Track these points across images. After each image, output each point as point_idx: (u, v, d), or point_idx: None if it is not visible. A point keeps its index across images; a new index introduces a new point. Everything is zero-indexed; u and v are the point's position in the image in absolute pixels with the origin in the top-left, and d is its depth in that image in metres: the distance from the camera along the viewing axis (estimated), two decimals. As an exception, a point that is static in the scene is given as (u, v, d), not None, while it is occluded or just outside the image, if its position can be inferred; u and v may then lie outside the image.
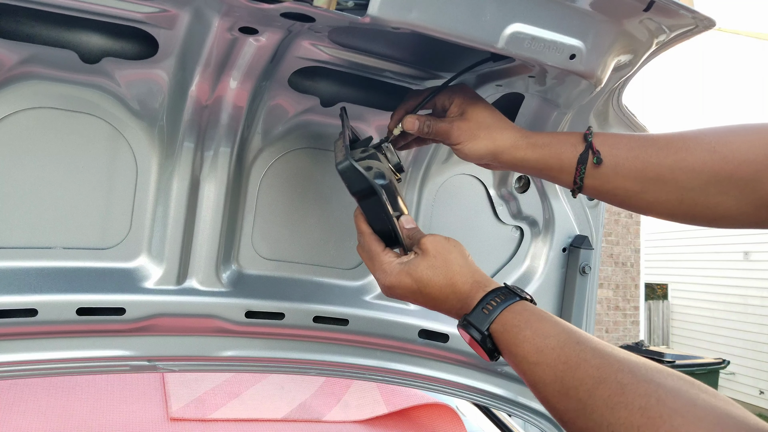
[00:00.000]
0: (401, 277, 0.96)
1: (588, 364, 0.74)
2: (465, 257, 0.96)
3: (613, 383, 0.70)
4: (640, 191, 0.94)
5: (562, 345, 0.78)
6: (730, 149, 0.87)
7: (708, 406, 0.63)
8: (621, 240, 9.17)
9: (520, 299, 0.88)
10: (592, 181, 0.97)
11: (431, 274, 0.94)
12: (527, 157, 1.00)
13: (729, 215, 0.89)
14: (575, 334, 0.80)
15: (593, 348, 0.76)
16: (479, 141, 1.01)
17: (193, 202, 1.14)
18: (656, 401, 0.65)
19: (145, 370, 1.21)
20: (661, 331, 11.95)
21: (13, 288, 1.03)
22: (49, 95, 1.02)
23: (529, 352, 0.81)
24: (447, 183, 1.35)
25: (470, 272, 0.94)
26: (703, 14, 0.96)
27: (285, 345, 1.29)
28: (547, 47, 0.92)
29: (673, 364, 8.13)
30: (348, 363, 1.35)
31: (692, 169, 0.89)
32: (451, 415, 1.96)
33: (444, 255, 0.95)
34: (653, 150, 0.93)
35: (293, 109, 1.16)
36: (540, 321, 0.84)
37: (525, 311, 0.86)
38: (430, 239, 0.97)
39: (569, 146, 0.98)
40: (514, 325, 0.84)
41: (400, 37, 0.93)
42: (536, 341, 0.81)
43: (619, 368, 0.71)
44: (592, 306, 1.50)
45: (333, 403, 1.95)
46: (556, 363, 0.77)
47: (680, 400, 0.64)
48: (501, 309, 0.86)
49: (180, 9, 0.91)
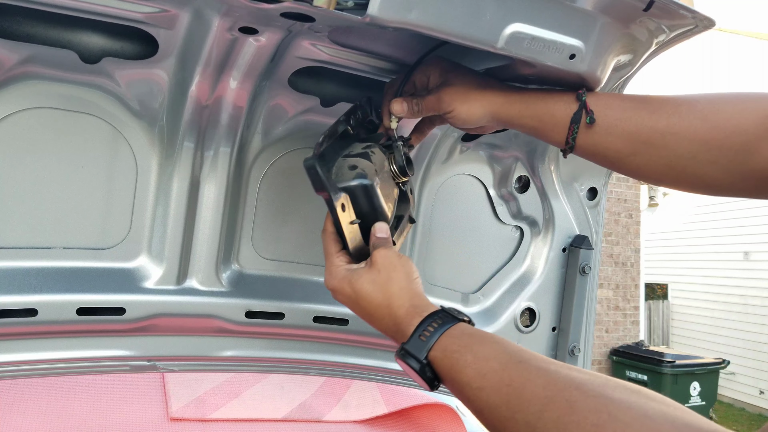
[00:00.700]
0: (343, 283, 0.95)
1: (533, 384, 0.71)
2: (410, 279, 0.93)
3: (562, 402, 0.67)
4: (631, 153, 0.94)
5: (504, 366, 0.75)
6: (721, 117, 0.87)
7: (660, 415, 0.62)
8: (621, 240, 9.17)
9: (458, 322, 0.84)
10: (584, 140, 0.96)
11: (370, 289, 0.92)
12: (522, 112, 0.99)
13: (717, 184, 0.89)
14: (518, 353, 0.77)
15: (537, 366, 0.73)
16: (472, 102, 0.99)
17: (193, 202, 1.14)
18: (608, 416, 0.62)
19: (145, 370, 1.21)
20: (661, 331, 11.94)
21: (13, 288, 1.03)
22: (49, 95, 1.02)
23: (472, 378, 0.77)
24: (447, 183, 1.35)
25: (409, 296, 0.90)
26: (703, 14, 0.96)
27: (285, 345, 1.29)
28: (546, 47, 0.92)
29: (673, 364, 8.14)
30: (348, 363, 1.35)
31: (683, 136, 0.89)
32: (451, 415, 1.96)
33: (388, 272, 0.92)
34: (646, 113, 0.92)
35: (293, 109, 1.16)
36: (480, 343, 0.80)
37: (464, 335, 0.82)
38: (381, 253, 0.94)
39: (562, 104, 0.97)
40: (454, 350, 0.80)
41: (401, 37, 0.94)
42: (478, 365, 0.77)
43: (566, 385, 0.68)
44: (592, 306, 1.50)
45: (333, 403, 1.95)
46: (500, 386, 0.73)
47: (632, 413, 0.62)
48: (439, 334, 0.82)
49: (180, 9, 0.91)
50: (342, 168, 0.99)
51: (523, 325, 1.45)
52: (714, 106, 0.89)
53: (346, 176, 0.98)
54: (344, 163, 1.00)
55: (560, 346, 1.47)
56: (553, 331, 1.48)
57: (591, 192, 1.46)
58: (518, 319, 1.44)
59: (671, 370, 8.11)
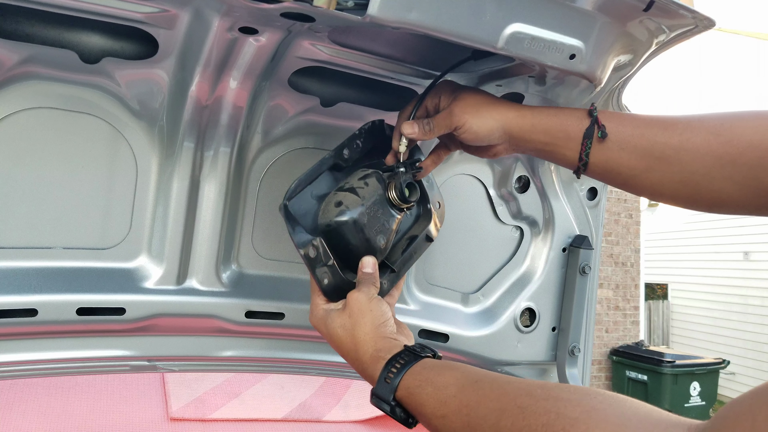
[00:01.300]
0: (320, 323, 1.00)
1: (487, 398, 0.74)
2: (375, 324, 0.95)
3: (514, 409, 0.70)
4: (645, 170, 0.92)
5: (461, 390, 0.78)
6: (734, 133, 0.86)
7: (608, 406, 0.63)
8: (621, 240, 9.16)
9: (420, 359, 0.87)
10: (597, 156, 0.95)
11: (341, 333, 0.96)
12: (534, 126, 0.98)
13: (731, 201, 0.88)
14: (473, 374, 0.80)
15: (491, 382, 0.77)
16: (483, 114, 0.99)
17: (193, 202, 1.14)
18: (556, 415, 0.65)
19: (145, 370, 1.21)
20: (661, 331, 11.94)
21: (13, 288, 1.03)
22: (49, 95, 1.02)
23: (435, 408, 0.80)
24: (447, 183, 1.35)
25: (373, 341, 0.93)
26: (703, 14, 0.96)
27: (285, 345, 1.29)
28: (547, 47, 0.92)
29: (673, 364, 8.14)
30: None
31: (697, 151, 0.88)
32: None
33: (356, 317, 0.95)
34: (658, 129, 0.92)
35: (293, 109, 1.16)
36: (439, 374, 0.83)
37: (424, 370, 0.85)
38: (354, 297, 0.97)
39: (574, 119, 0.97)
40: (416, 386, 0.84)
41: (400, 37, 0.94)
42: (438, 394, 0.80)
43: (517, 394, 0.72)
44: (592, 306, 1.50)
45: (333, 403, 1.95)
46: (459, 408, 0.77)
47: (579, 409, 0.64)
48: (401, 375, 0.85)
49: (180, 9, 0.91)
50: (329, 204, 1.02)
51: (523, 325, 1.45)
52: (726, 123, 0.88)
53: (329, 213, 1.01)
54: (333, 199, 1.03)
55: (560, 346, 1.47)
56: (553, 331, 1.48)
57: (591, 192, 1.46)
58: (518, 319, 1.44)
59: (671, 370, 8.11)
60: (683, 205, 0.95)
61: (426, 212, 1.15)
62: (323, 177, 1.05)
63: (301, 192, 1.02)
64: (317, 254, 1.00)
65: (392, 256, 1.11)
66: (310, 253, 1.00)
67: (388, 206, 1.05)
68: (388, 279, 1.09)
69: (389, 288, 1.09)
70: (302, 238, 1.01)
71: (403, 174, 1.04)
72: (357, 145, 1.08)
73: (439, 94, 1.04)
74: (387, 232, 1.05)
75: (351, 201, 1.01)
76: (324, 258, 1.01)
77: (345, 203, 1.01)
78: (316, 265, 1.01)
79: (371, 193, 1.03)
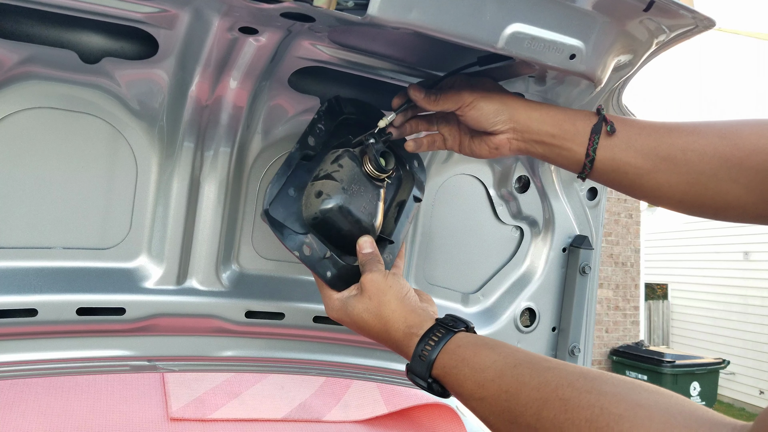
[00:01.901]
0: (340, 314, 0.99)
1: (528, 386, 0.73)
2: (400, 299, 0.94)
3: (556, 402, 0.69)
4: (651, 170, 0.92)
5: (500, 374, 0.78)
6: (740, 137, 0.86)
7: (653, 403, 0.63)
8: (621, 240, 9.17)
9: (454, 334, 0.87)
10: (604, 153, 0.94)
11: (367, 318, 0.95)
12: (543, 118, 0.97)
13: (738, 205, 0.87)
14: (512, 356, 0.80)
15: (531, 369, 0.76)
16: (493, 98, 0.99)
17: (193, 202, 1.14)
18: (600, 411, 0.64)
19: (145, 370, 1.21)
20: (661, 331, 11.94)
21: (13, 288, 1.03)
22: (49, 95, 1.02)
23: (472, 390, 0.80)
24: (447, 183, 1.35)
25: (403, 316, 0.92)
26: (703, 14, 0.95)
27: (285, 345, 1.29)
28: (547, 47, 0.92)
29: (673, 364, 8.14)
30: (348, 363, 1.35)
31: (703, 152, 0.88)
32: (451, 415, 1.96)
33: (378, 297, 0.95)
34: (664, 131, 0.92)
35: (293, 109, 1.16)
36: (475, 354, 0.82)
37: (459, 348, 0.85)
38: (368, 278, 0.97)
39: (582, 116, 0.97)
40: (452, 366, 0.83)
41: (401, 37, 0.93)
42: (476, 377, 0.80)
43: (558, 384, 0.71)
44: (592, 306, 1.50)
45: (333, 403, 1.95)
46: (498, 393, 0.76)
47: (624, 404, 0.64)
48: (436, 353, 0.85)
49: (180, 9, 0.91)
50: (309, 197, 1.02)
51: (523, 325, 1.45)
52: (732, 127, 0.88)
53: (313, 206, 1.01)
54: (311, 190, 1.02)
55: (560, 346, 1.47)
56: (553, 331, 1.48)
57: (591, 192, 1.46)
58: (518, 319, 1.44)
59: (671, 370, 8.11)
60: (689, 211, 0.94)
61: (407, 174, 1.14)
62: (296, 171, 1.04)
63: (279, 194, 1.01)
64: (312, 251, 1.00)
65: (386, 228, 1.10)
66: (306, 252, 1.00)
67: (368, 181, 1.04)
68: (388, 251, 1.09)
69: (392, 261, 1.09)
70: (293, 240, 1.00)
71: (374, 145, 1.03)
72: (320, 129, 1.07)
73: (456, 80, 1.04)
74: (375, 207, 1.04)
75: (330, 188, 1.00)
76: (320, 252, 1.00)
77: (325, 191, 1.00)
78: (314, 261, 1.00)
79: (348, 173, 1.02)
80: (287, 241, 1.00)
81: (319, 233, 1.02)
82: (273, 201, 1.00)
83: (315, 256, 1.00)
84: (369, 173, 1.03)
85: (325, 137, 1.07)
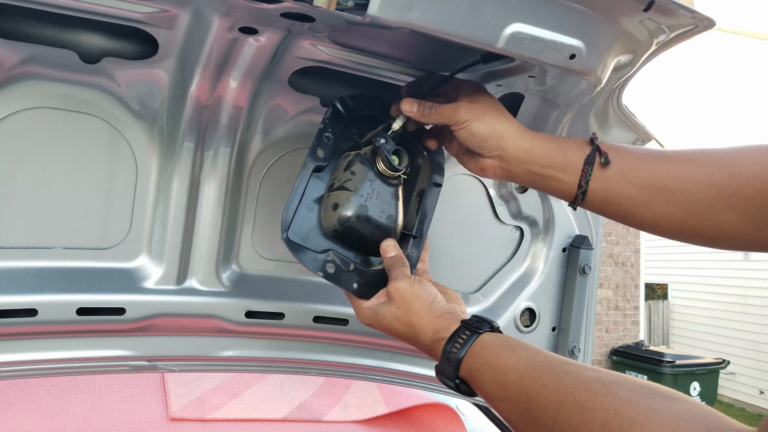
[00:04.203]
0: (372, 321, 1.02)
1: (546, 389, 0.76)
2: (427, 307, 0.96)
3: (572, 404, 0.71)
4: (646, 200, 0.91)
5: (521, 376, 0.80)
6: (737, 165, 0.85)
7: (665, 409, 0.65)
8: (621, 240, 9.17)
9: (478, 335, 0.89)
10: (597, 185, 0.93)
11: (396, 325, 0.98)
12: (533, 147, 0.96)
13: (736, 234, 0.87)
14: (532, 359, 0.82)
15: (550, 371, 0.78)
16: (485, 121, 0.98)
17: (193, 202, 1.14)
18: (614, 414, 0.66)
19: (145, 370, 1.21)
20: (661, 331, 11.94)
21: (13, 288, 1.03)
22: (49, 95, 1.02)
23: (495, 391, 0.83)
24: (447, 183, 1.35)
25: (430, 323, 0.95)
26: (703, 14, 0.95)
27: (285, 345, 1.29)
28: (547, 47, 0.92)
29: (673, 364, 8.14)
30: (348, 363, 1.35)
31: (700, 181, 0.87)
32: (451, 415, 1.96)
33: (406, 306, 0.97)
34: (659, 160, 0.91)
35: (293, 109, 1.16)
36: (497, 357, 0.85)
37: (483, 351, 0.87)
38: (395, 287, 0.98)
39: (575, 146, 0.96)
40: (476, 368, 0.87)
41: (401, 37, 0.94)
42: (498, 379, 0.83)
43: (575, 387, 0.73)
44: (592, 306, 1.50)
45: (333, 403, 1.95)
46: (519, 395, 0.79)
47: (637, 408, 0.66)
48: (462, 354, 0.89)
49: (180, 9, 0.91)
50: (326, 210, 1.02)
51: (523, 325, 1.45)
52: (728, 155, 0.87)
53: (331, 219, 1.01)
54: (328, 203, 1.02)
55: (560, 346, 1.47)
56: (553, 331, 1.48)
57: (591, 192, 1.46)
58: (518, 319, 1.44)
59: (671, 370, 8.11)
60: (686, 240, 0.93)
61: (424, 160, 1.12)
62: (311, 185, 1.03)
63: (295, 216, 1.01)
64: (336, 267, 1.01)
65: (408, 223, 1.09)
66: (329, 270, 1.01)
67: (383, 182, 1.03)
68: (413, 246, 1.08)
69: (418, 255, 1.09)
70: (314, 261, 1.00)
71: (385, 145, 1.02)
72: (328, 138, 1.06)
73: (460, 86, 1.03)
74: (394, 207, 1.04)
75: (345, 198, 1.00)
76: (344, 266, 1.02)
77: (340, 203, 1.01)
78: (339, 277, 1.01)
79: (361, 179, 1.02)
80: (309, 264, 1.00)
81: (341, 243, 1.03)
82: (291, 224, 1.00)
83: (340, 271, 1.02)
84: (383, 173, 1.03)
85: (333, 145, 1.06)
